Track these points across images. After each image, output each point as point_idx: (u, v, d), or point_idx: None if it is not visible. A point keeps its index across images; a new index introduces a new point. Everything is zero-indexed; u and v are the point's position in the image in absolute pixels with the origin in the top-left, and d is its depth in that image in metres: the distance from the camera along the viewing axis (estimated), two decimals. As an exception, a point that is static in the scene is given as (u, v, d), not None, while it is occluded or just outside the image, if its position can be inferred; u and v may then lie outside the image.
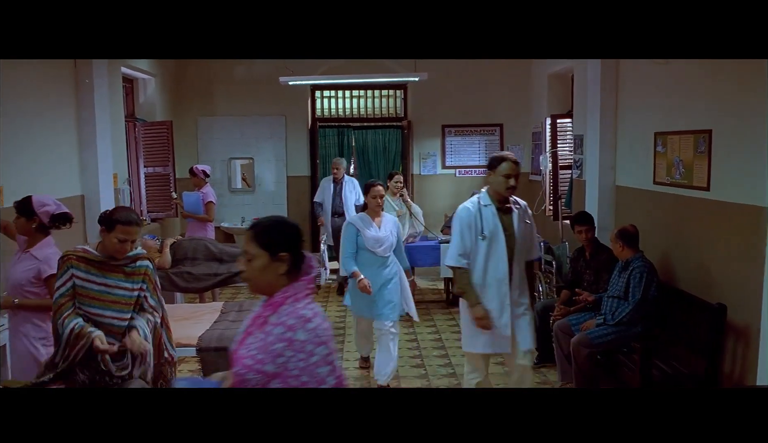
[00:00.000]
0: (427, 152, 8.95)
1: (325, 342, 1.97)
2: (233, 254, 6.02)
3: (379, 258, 4.83)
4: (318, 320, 1.98)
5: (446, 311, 7.26)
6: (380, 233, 4.83)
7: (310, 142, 8.88)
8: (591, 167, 6.18)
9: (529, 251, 4.04)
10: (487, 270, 3.84)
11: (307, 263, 2.08)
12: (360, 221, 4.89)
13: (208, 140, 8.83)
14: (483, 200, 3.93)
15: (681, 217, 4.72)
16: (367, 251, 4.80)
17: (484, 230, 3.83)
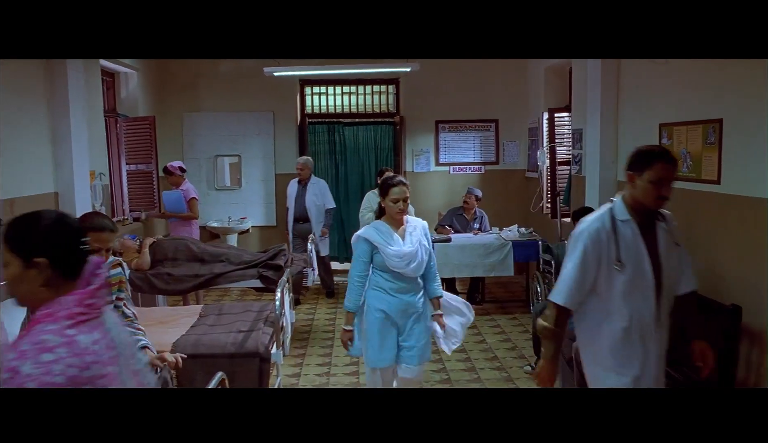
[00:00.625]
0: (420, 149, 8.67)
1: (62, 381, 1.47)
2: (216, 254, 5.72)
3: (407, 282, 3.56)
4: (64, 351, 1.49)
5: (440, 313, 6.97)
6: (406, 248, 3.49)
7: (299, 138, 8.59)
8: (591, 163, 5.92)
9: (681, 283, 2.85)
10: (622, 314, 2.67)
11: (89, 271, 1.65)
12: (376, 233, 3.53)
13: (194, 137, 8.53)
14: (619, 212, 2.70)
15: (688, 213, 4.45)
16: (388, 273, 3.54)
17: (621, 256, 2.63)
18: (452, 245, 6.59)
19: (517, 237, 6.71)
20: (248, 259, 5.72)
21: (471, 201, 7.21)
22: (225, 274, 5.52)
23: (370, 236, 3.54)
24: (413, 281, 3.58)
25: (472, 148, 8.67)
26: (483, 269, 6.60)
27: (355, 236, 3.62)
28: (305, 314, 7.00)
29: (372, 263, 3.57)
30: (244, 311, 4.49)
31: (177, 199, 6.73)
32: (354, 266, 3.60)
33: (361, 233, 3.59)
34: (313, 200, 7.19)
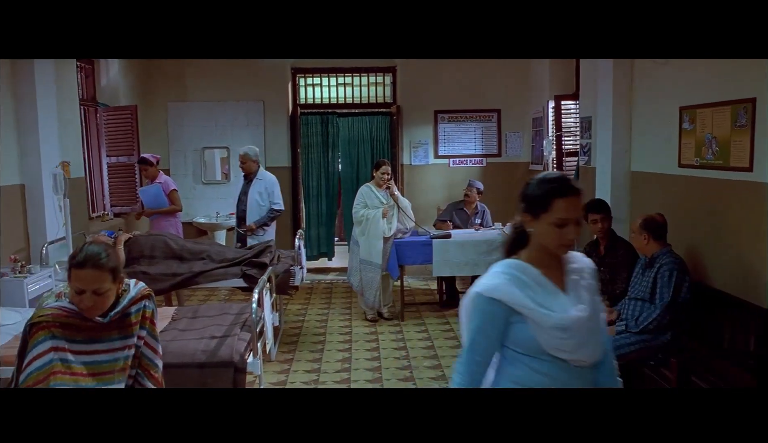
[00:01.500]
0: (418, 140, 8.23)
1: None
2: (196, 252, 5.29)
3: (575, 376, 1.88)
4: None
5: (439, 313, 6.54)
6: (581, 309, 1.85)
7: (290, 130, 8.15)
8: (602, 152, 5.48)
9: None
10: None
11: None
12: (516, 284, 1.88)
13: (179, 128, 8.09)
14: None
15: (715, 204, 4.02)
16: (539, 360, 1.87)
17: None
18: (452, 241, 6.15)
19: (521, 233, 6.26)
20: (231, 256, 5.29)
21: (472, 195, 6.77)
22: (205, 273, 5.10)
23: (507, 295, 1.87)
24: (586, 374, 1.91)
25: (473, 139, 8.23)
26: (485, 268, 6.07)
27: (475, 295, 1.93)
28: (295, 316, 6.56)
29: (506, 342, 1.92)
30: (220, 313, 4.05)
31: (156, 193, 6.29)
32: (471, 346, 1.91)
33: (486, 287, 1.91)
34: (256, 199, 6.11)
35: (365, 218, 6.07)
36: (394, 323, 6.22)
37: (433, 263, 6.13)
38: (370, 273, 6.11)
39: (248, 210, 6.11)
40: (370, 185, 6.27)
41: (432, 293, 7.41)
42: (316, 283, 8.08)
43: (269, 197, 6.11)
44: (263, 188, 6.13)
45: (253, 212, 6.10)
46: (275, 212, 6.14)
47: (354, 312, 6.63)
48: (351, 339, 5.74)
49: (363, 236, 6.11)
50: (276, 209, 6.14)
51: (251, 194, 6.14)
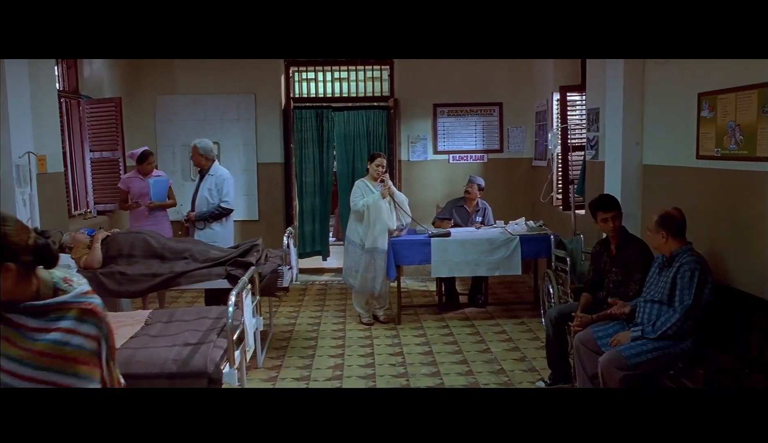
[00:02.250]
0: (417, 135, 7.89)
1: None
2: (178, 251, 4.95)
3: None
4: None
5: (438, 317, 6.20)
6: None
7: (283, 124, 7.81)
8: (611, 145, 5.14)
9: None
10: None
11: None
12: None
13: (167, 122, 7.75)
14: None
15: (738, 198, 3.68)
16: None
17: None
18: (452, 240, 5.81)
19: (525, 231, 5.93)
20: (215, 256, 4.95)
21: (473, 191, 6.43)
22: (187, 273, 4.76)
23: None
24: None
25: (474, 134, 7.89)
26: (486, 268, 5.82)
27: None
28: (286, 319, 6.22)
29: None
30: (198, 317, 3.72)
31: (164, 188, 5.96)
32: None
33: None
34: (205, 196, 5.65)
35: (367, 207, 5.71)
36: (390, 326, 5.89)
37: (432, 263, 5.79)
38: (380, 261, 5.73)
39: (197, 208, 5.72)
40: (365, 180, 5.94)
41: (431, 295, 7.07)
42: (310, 284, 7.75)
43: (219, 194, 5.62)
44: (213, 185, 5.66)
45: (202, 209, 5.67)
46: (221, 209, 5.64)
47: (348, 315, 6.29)
48: (344, 343, 5.41)
49: (367, 225, 5.72)
50: (223, 206, 5.64)
51: (201, 191, 5.71)
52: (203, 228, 5.67)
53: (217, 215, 5.65)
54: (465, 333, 5.63)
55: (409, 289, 7.38)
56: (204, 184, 5.71)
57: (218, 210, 5.64)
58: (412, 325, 5.91)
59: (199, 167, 5.76)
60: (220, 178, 5.66)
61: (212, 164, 5.73)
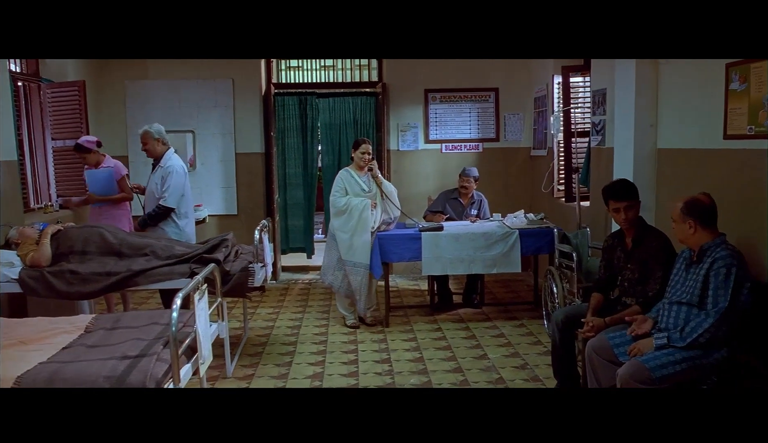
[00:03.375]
0: (407, 123, 7.36)
1: None
2: (138, 247, 4.41)
3: None
4: None
5: (430, 319, 5.67)
6: None
7: (264, 112, 7.27)
8: (621, 129, 4.63)
9: None
10: None
11: None
12: None
13: (138, 109, 7.19)
14: None
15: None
16: None
17: None
18: (444, 234, 5.29)
19: (524, 225, 5.41)
20: (180, 252, 4.42)
21: (470, 185, 5.90)
22: (147, 271, 4.22)
23: None
24: None
25: (468, 122, 7.37)
26: (483, 265, 5.29)
27: None
28: (263, 322, 5.69)
29: None
30: (148, 323, 3.18)
31: (107, 178, 5.38)
32: None
33: None
34: (153, 190, 4.97)
35: (349, 208, 5.19)
36: (378, 329, 5.36)
37: (423, 261, 5.27)
38: (358, 276, 5.24)
39: (146, 204, 5.09)
40: (349, 169, 5.41)
41: (422, 295, 6.55)
42: (292, 283, 7.21)
43: (165, 185, 4.89)
44: (160, 178, 4.94)
45: (150, 205, 5.01)
46: (160, 209, 4.88)
47: (332, 317, 5.76)
48: (326, 349, 4.88)
49: (345, 231, 5.22)
50: (162, 204, 4.86)
51: (150, 184, 5.04)
52: (154, 229, 5.00)
53: (155, 216, 4.93)
54: (459, 336, 5.11)
55: (399, 288, 6.86)
56: (154, 176, 5.06)
57: (156, 211, 4.92)
58: (401, 328, 5.39)
59: (154, 156, 5.05)
60: (167, 169, 4.95)
61: (166, 152, 5.05)
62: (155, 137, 5.00)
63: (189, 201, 5.19)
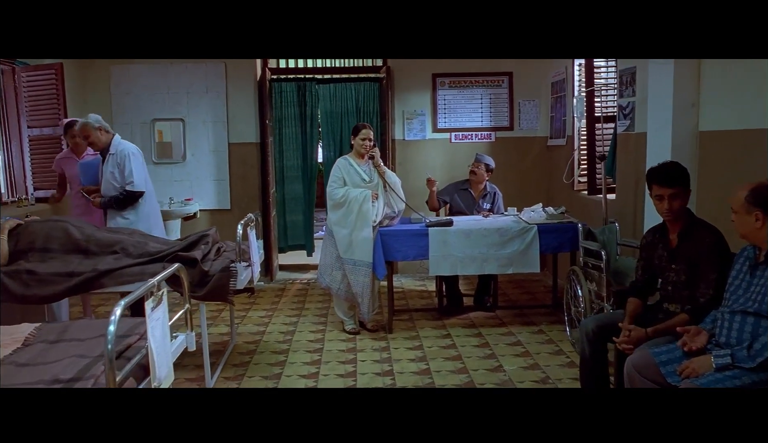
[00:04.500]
0: (413, 111, 6.81)
1: None
2: (107, 243, 3.90)
3: None
4: None
5: (438, 323, 5.14)
6: None
7: (259, 99, 6.74)
8: (656, 111, 4.07)
9: None
10: None
11: None
12: None
13: (124, 95, 6.68)
14: None
15: None
16: None
17: None
18: (454, 230, 4.74)
19: (543, 219, 4.86)
20: (154, 249, 3.90)
21: (480, 172, 5.37)
22: (115, 272, 3.70)
23: None
24: None
25: (480, 109, 6.82)
26: (497, 264, 4.75)
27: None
28: (254, 326, 5.17)
29: None
30: (96, 335, 2.65)
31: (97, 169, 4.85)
32: None
33: None
34: (110, 182, 4.53)
35: (347, 200, 4.67)
36: (380, 336, 4.83)
37: (430, 259, 4.73)
38: (360, 276, 4.71)
39: (104, 196, 4.59)
40: (348, 157, 4.87)
41: (429, 296, 6.02)
42: (290, 283, 6.69)
43: (122, 175, 4.49)
44: (114, 165, 4.51)
45: (108, 193, 4.57)
46: (127, 193, 4.50)
47: (330, 321, 5.24)
48: (321, 358, 4.35)
49: (344, 226, 4.70)
50: (129, 190, 4.48)
51: (105, 176, 4.59)
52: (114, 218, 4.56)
53: (122, 200, 4.50)
54: (471, 344, 4.58)
55: (404, 288, 6.33)
56: (106, 166, 4.56)
57: (123, 194, 4.50)
58: (405, 334, 4.85)
59: (101, 147, 4.58)
60: (121, 154, 4.50)
61: (112, 140, 4.59)
62: (95, 126, 4.52)
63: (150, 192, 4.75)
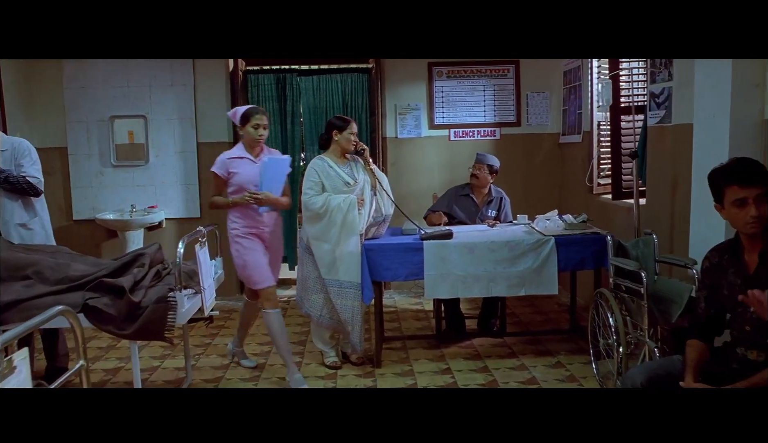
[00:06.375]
0: (407, 105, 6.02)
1: None
2: (17, 266, 3.11)
3: None
4: None
5: (436, 353, 4.34)
6: None
7: (231, 93, 5.95)
8: (706, 96, 3.27)
9: None
10: None
11: None
12: None
13: (78, 91, 5.87)
14: None
15: None
16: None
17: None
18: (455, 243, 3.94)
19: (561, 230, 4.07)
20: (77, 274, 3.10)
21: (482, 174, 4.58)
22: (21, 304, 2.91)
23: None
24: None
25: (482, 103, 6.02)
26: (506, 285, 3.94)
27: None
28: (218, 358, 4.36)
29: None
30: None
31: (284, 171, 3.95)
32: None
33: None
34: None
35: (328, 210, 3.86)
36: (366, 371, 4.03)
37: (425, 279, 3.92)
38: (348, 300, 3.91)
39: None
40: (325, 158, 4.06)
41: (426, 317, 5.21)
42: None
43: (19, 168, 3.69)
44: (10, 158, 3.71)
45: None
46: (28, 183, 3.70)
47: (308, 351, 4.44)
48: (292, 403, 3.54)
49: (325, 241, 3.89)
50: (31, 181, 3.71)
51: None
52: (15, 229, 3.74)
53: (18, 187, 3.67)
54: (476, 381, 3.78)
55: (397, 308, 5.52)
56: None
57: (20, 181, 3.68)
58: (397, 368, 4.04)
59: None
60: (18, 145, 3.75)
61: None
62: None
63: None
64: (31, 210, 3.83)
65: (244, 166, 3.79)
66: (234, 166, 3.79)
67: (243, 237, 3.82)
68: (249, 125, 3.79)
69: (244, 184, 3.76)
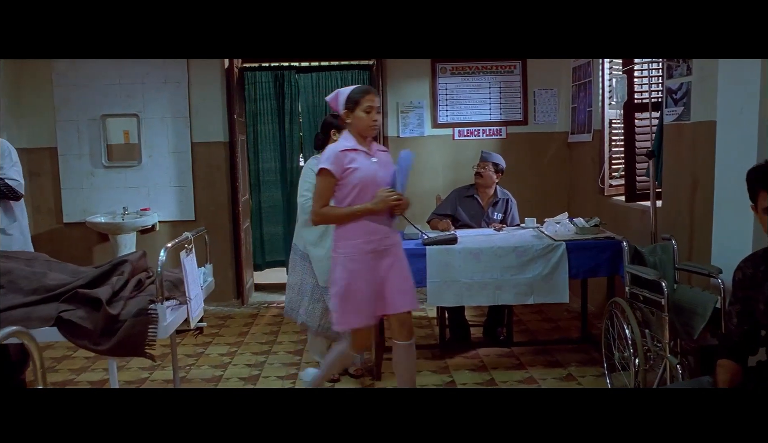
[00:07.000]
0: (409, 103, 5.79)
1: None
2: None
3: None
4: None
5: (439, 363, 4.11)
6: None
7: (226, 91, 5.72)
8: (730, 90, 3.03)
9: None
10: None
11: None
12: None
13: (69, 88, 5.66)
14: None
15: None
16: None
17: None
18: (459, 249, 3.71)
19: (572, 235, 3.83)
20: (54, 283, 2.88)
21: (487, 174, 4.35)
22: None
23: None
24: None
25: (488, 100, 5.79)
26: (513, 293, 3.71)
27: None
28: (210, 369, 4.14)
29: None
30: None
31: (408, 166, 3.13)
32: None
33: None
34: None
35: None
36: (365, 383, 3.82)
37: (428, 287, 3.70)
38: None
39: None
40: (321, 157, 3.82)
41: (429, 325, 4.98)
42: (264, 308, 5.67)
43: None
44: None
45: None
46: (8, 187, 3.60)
47: (304, 361, 4.22)
48: (285, 420, 3.32)
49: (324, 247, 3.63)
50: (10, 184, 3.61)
51: None
52: None
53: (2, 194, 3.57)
54: (481, 397, 3.54)
55: (400, 315, 5.28)
56: None
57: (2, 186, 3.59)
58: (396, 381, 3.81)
59: None
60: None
61: None
62: None
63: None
64: (11, 215, 3.63)
65: (361, 160, 2.94)
66: (350, 160, 2.92)
67: (363, 255, 2.95)
68: (359, 109, 2.92)
69: (364, 184, 2.91)
